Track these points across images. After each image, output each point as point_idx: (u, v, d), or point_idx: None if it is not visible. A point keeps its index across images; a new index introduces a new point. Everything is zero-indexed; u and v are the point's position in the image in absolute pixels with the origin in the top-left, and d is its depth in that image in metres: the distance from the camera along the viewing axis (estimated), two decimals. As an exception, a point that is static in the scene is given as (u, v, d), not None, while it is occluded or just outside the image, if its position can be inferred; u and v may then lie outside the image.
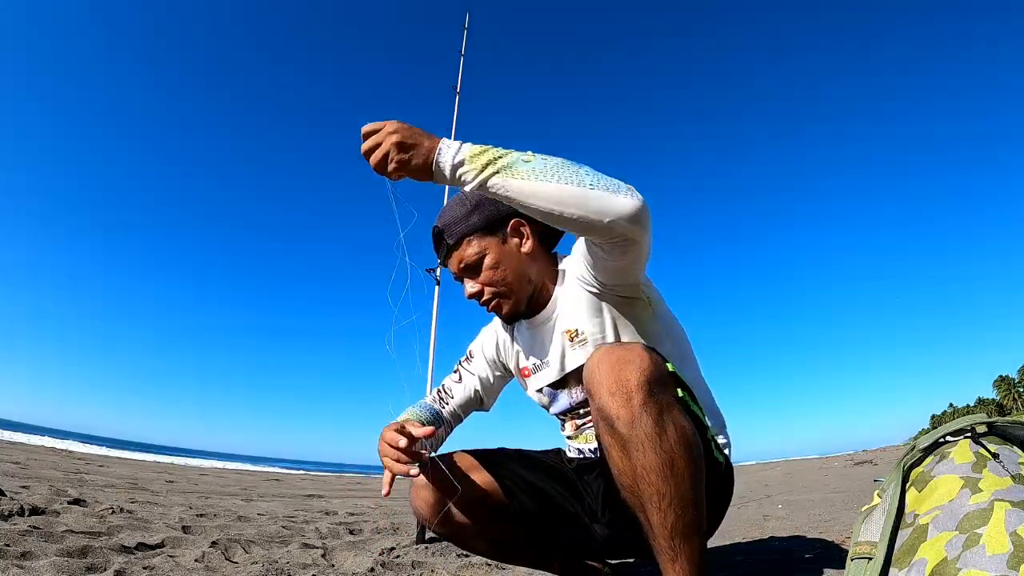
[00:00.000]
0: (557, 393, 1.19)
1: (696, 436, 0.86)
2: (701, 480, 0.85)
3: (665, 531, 0.81)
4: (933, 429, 0.81)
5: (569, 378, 1.15)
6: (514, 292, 1.17)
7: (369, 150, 0.92)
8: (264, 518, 2.71)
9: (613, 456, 0.84)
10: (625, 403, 0.81)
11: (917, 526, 0.67)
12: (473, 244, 1.16)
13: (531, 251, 1.17)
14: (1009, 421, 0.76)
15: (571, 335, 1.12)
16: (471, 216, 1.16)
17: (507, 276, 1.16)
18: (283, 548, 1.83)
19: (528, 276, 1.17)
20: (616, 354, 0.85)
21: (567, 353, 1.14)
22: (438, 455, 1.17)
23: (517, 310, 1.19)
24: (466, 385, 1.34)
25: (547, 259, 1.20)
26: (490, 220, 1.16)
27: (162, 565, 1.42)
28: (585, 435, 1.18)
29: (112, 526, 1.88)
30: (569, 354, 1.13)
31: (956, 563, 0.59)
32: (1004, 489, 0.63)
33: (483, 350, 1.35)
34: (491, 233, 1.17)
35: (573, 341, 1.12)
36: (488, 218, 1.16)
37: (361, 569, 1.55)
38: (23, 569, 1.23)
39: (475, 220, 1.16)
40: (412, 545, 1.97)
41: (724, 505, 1.11)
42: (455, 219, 1.18)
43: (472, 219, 1.16)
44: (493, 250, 1.16)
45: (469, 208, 1.17)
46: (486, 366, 1.34)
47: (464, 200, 1.19)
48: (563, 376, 1.16)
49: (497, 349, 1.32)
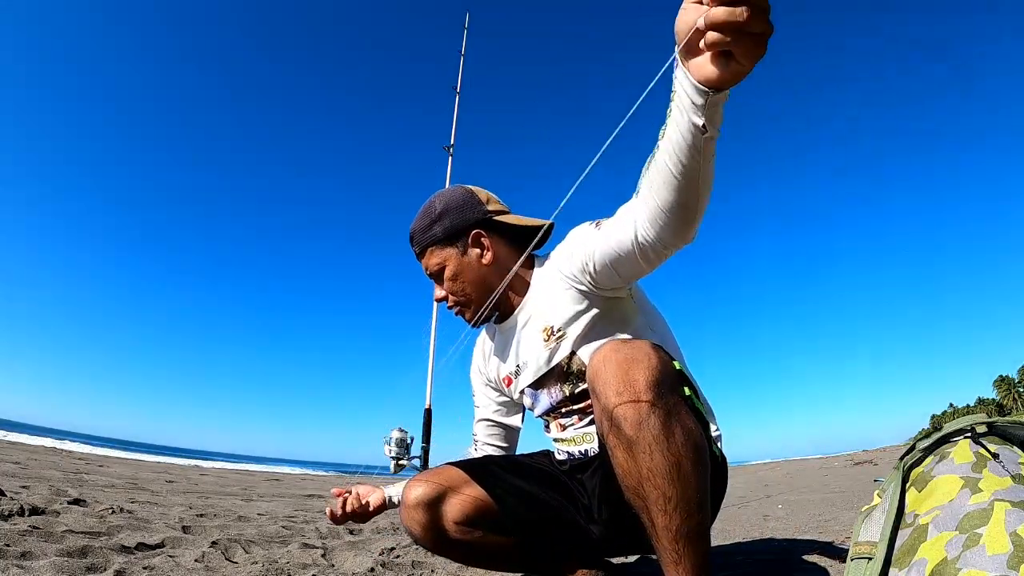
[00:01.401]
0: (537, 394, 1.18)
1: (703, 438, 0.85)
2: (707, 483, 0.84)
3: (670, 534, 0.80)
4: (933, 429, 0.81)
5: (547, 377, 1.15)
6: (474, 301, 1.20)
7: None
8: (264, 518, 2.71)
9: (618, 457, 0.82)
10: (632, 404, 0.79)
11: (917, 526, 0.66)
12: (435, 255, 1.20)
13: (491, 261, 1.19)
14: (1009, 421, 0.76)
15: (548, 332, 1.12)
16: (434, 226, 1.20)
17: (466, 287, 1.19)
18: (283, 548, 1.83)
19: (490, 285, 1.18)
20: (623, 352, 0.83)
21: (543, 352, 1.13)
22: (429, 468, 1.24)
23: (480, 316, 1.20)
24: (482, 421, 1.37)
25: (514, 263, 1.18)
26: (450, 232, 1.19)
27: (162, 565, 1.42)
28: (572, 437, 1.16)
29: (112, 526, 1.88)
30: (545, 352, 1.13)
31: (956, 563, 0.59)
32: (1004, 489, 0.63)
33: (474, 377, 1.39)
34: (451, 244, 1.19)
35: (550, 339, 1.11)
36: (448, 230, 1.19)
37: (361, 569, 1.55)
38: (23, 569, 1.23)
39: (437, 231, 1.19)
40: (412, 545, 1.97)
41: (719, 498, 1.11)
42: (420, 228, 1.21)
43: (434, 230, 1.19)
44: (452, 262, 1.19)
45: (433, 218, 1.20)
46: (483, 392, 1.36)
47: (431, 208, 1.21)
48: (540, 376, 1.15)
49: (482, 362, 1.34)
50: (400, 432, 2.19)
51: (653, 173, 0.79)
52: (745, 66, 0.62)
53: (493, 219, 1.21)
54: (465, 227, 1.19)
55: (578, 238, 1.07)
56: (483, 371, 1.35)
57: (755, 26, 0.58)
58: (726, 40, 0.59)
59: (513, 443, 1.39)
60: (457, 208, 1.20)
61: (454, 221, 1.19)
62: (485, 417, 1.36)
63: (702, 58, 0.64)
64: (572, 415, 1.15)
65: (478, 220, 1.20)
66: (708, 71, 0.64)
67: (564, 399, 1.14)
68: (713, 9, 0.58)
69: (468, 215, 1.20)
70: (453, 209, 1.20)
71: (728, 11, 0.57)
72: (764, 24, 0.58)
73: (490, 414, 1.35)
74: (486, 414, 1.36)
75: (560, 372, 1.12)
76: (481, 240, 1.19)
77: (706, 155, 0.73)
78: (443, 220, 1.19)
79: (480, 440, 1.38)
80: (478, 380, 1.38)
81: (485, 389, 1.36)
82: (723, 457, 1.10)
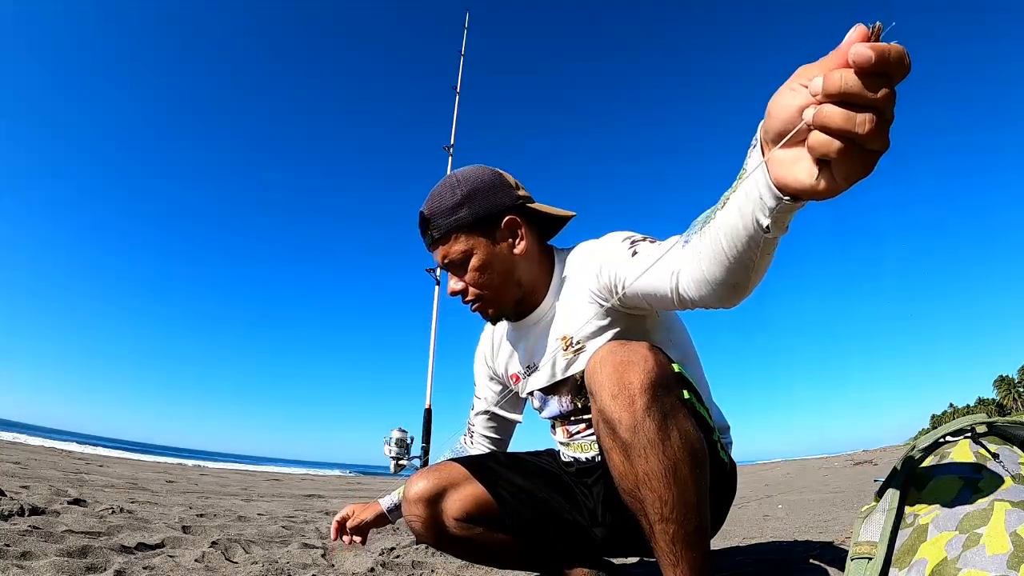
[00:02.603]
0: (548, 399, 1.16)
1: (702, 442, 0.83)
2: (705, 486, 0.82)
3: (667, 537, 0.79)
4: (933, 429, 0.81)
5: (560, 385, 1.11)
6: (499, 296, 1.09)
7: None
8: (264, 518, 2.71)
9: (614, 460, 0.81)
10: (627, 407, 0.78)
11: (917, 526, 0.66)
12: (460, 242, 1.06)
13: (524, 252, 1.08)
14: (1009, 421, 0.76)
15: (566, 342, 1.07)
16: (460, 209, 1.05)
17: (494, 279, 1.08)
18: (283, 548, 1.82)
19: (517, 279, 1.09)
20: (620, 355, 0.82)
21: (559, 360, 1.09)
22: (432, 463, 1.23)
23: (500, 314, 1.13)
24: (481, 413, 1.34)
25: (541, 257, 1.12)
26: (482, 217, 1.06)
27: (162, 565, 1.42)
28: (579, 444, 1.15)
29: (112, 526, 1.88)
30: (562, 361, 1.08)
31: (956, 563, 0.59)
32: (1004, 489, 0.63)
33: (478, 368, 1.35)
34: (481, 231, 1.06)
35: (568, 348, 1.06)
36: (480, 214, 1.06)
37: (361, 569, 1.55)
38: (23, 569, 1.23)
39: (464, 215, 1.05)
40: (412, 545, 1.97)
41: (727, 504, 1.10)
42: (443, 209, 1.06)
43: (462, 212, 1.05)
44: (481, 250, 1.06)
45: (459, 199, 1.06)
46: (486, 385, 1.33)
47: (456, 186, 1.07)
48: (554, 383, 1.12)
49: (490, 354, 1.30)
50: (400, 432, 2.19)
51: (706, 243, 0.68)
52: (841, 185, 0.47)
53: (526, 205, 1.10)
54: (497, 213, 1.06)
55: (609, 255, 0.98)
56: (489, 363, 1.30)
57: (873, 142, 0.44)
58: (832, 149, 0.45)
59: (508, 436, 1.37)
60: (487, 191, 1.07)
61: (484, 205, 1.06)
62: (485, 410, 1.33)
63: (791, 157, 0.50)
64: (580, 423, 1.13)
65: (511, 206, 1.07)
66: (794, 177, 0.50)
67: (575, 410, 1.12)
68: (828, 107, 0.44)
69: (500, 199, 1.07)
70: (482, 192, 1.07)
71: (847, 116, 0.43)
72: (884, 141, 0.44)
73: (490, 407, 1.32)
74: (486, 407, 1.33)
75: (574, 384, 1.09)
76: (516, 229, 1.08)
77: (764, 250, 0.62)
78: (472, 203, 1.05)
79: (476, 431, 1.35)
80: (482, 371, 1.33)
81: (489, 382, 1.32)
82: (732, 463, 1.07)
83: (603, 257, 0.99)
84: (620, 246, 0.97)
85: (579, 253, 1.09)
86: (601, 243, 1.03)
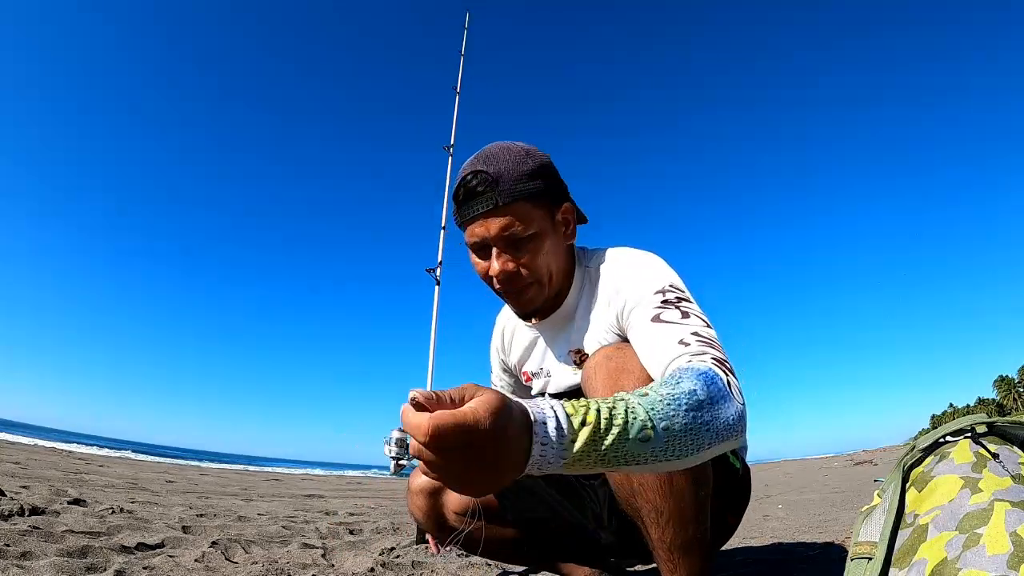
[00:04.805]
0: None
1: None
2: (705, 495, 0.82)
3: (664, 544, 0.79)
4: (933, 429, 0.81)
5: (565, 396, 1.09)
6: (547, 286, 0.97)
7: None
8: (264, 518, 2.70)
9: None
10: None
11: (917, 526, 0.66)
12: (525, 213, 0.90)
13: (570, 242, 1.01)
14: (1009, 421, 0.76)
15: (580, 357, 1.03)
16: (535, 178, 0.91)
17: (551, 266, 0.96)
18: (283, 548, 1.82)
19: (558, 270, 0.99)
20: (615, 362, 0.82)
21: (570, 375, 1.07)
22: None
23: (537, 308, 1.02)
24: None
25: (569, 255, 1.04)
26: (554, 192, 0.94)
27: (162, 565, 1.42)
28: None
29: (112, 526, 1.88)
30: (575, 378, 1.05)
31: (956, 563, 0.59)
32: (1004, 489, 0.63)
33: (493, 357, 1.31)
34: (547, 210, 0.94)
35: (580, 364, 1.03)
36: (552, 189, 0.94)
37: (361, 569, 1.55)
38: (23, 569, 1.23)
39: (538, 185, 0.91)
40: (412, 545, 1.97)
41: (741, 510, 1.07)
42: (515, 173, 0.89)
43: (536, 182, 0.91)
44: (547, 231, 0.93)
45: (534, 166, 0.91)
46: (500, 374, 1.31)
47: (526, 154, 0.92)
48: (559, 393, 1.10)
49: (501, 347, 1.27)
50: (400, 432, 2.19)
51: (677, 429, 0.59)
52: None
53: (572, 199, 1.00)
54: (563, 194, 0.97)
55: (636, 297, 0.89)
56: (502, 355, 1.27)
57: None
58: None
59: None
60: (554, 170, 0.96)
61: (556, 183, 0.95)
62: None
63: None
64: None
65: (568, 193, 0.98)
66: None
67: None
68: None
69: (562, 183, 0.97)
70: (551, 169, 0.95)
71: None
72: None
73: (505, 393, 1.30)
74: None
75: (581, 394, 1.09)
76: (569, 217, 0.98)
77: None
78: (544, 175, 0.93)
79: None
80: (497, 360, 1.29)
81: (502, 372, 1.30)
82: (745, 467, 1.05)
83: (628, 296, 0.91)
84: (650, 298, 0.86)
85: (611, 270, 0.98)
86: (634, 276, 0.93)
